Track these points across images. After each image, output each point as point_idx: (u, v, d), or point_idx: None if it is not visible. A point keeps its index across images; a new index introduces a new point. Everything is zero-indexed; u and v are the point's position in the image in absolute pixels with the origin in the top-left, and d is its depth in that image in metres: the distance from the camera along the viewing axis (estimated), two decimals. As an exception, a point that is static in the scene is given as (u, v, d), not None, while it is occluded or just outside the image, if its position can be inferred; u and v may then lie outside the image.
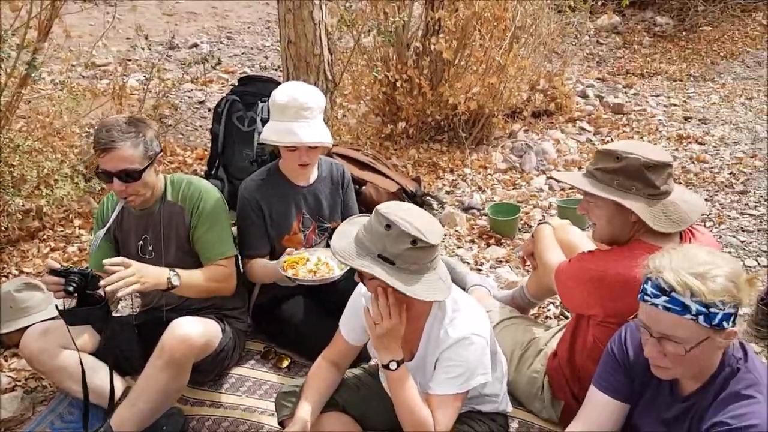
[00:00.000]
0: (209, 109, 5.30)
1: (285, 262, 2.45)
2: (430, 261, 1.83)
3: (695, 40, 7.91)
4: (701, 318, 1.46)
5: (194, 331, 2.23)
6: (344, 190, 2.78)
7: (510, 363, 2.36)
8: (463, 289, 2.78)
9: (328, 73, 4.08)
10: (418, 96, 4.47)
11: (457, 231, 3.74)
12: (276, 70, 6.51)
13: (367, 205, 3.02)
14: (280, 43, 4.16)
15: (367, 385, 2.18)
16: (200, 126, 5.20)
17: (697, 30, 8.07)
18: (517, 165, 4.60)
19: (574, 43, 7.35)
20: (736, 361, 1.56)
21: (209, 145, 3.81)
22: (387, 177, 3.54)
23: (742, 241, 3.61)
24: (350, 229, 1.92)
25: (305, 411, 1.98)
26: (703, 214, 3.90)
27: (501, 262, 3.45)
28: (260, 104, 3.32)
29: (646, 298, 1.52)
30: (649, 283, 1.51)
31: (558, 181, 4.33)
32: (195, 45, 7.15)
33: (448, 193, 4.23)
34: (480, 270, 3.36)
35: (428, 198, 3.86)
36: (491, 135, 4.86)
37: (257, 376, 2.56)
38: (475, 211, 3.98)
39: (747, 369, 1.55)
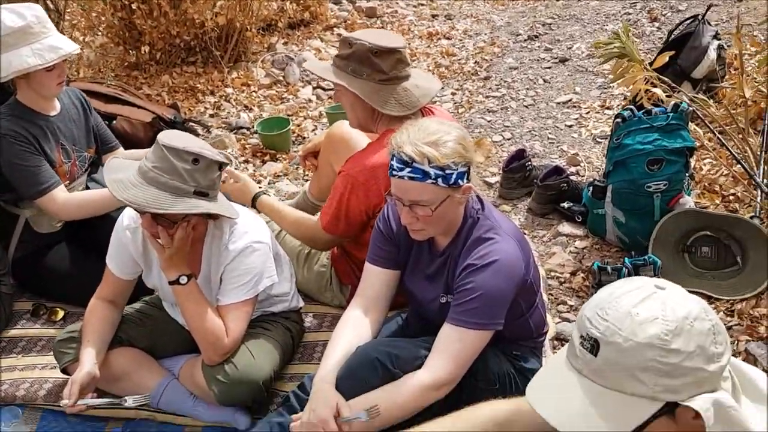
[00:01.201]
0: None
1: None
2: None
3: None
4: (440, 180, 1.62)
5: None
6: (91, 112, 2.64)
7: (297, 264, 2.43)
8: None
9: (50, 3, 3.66)
10: (159, 17, 4.17)
11: (229, 153, 3.68)
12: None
13: (122, 141, 2.84)
14: (-15, -23, 3.63)
15: (151, 317, 2.14)
16: None
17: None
18: (281, 78, 4.58)
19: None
20: (476, 212, 1.77)
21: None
22: (139, 107, 3.34)
23: (489, 121, 4.01)
24: (122, 177, 1.80)
25: (90, 353, 1.90)
26: (456, 102, 4.26)
27: (279, 176, 3.49)
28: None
29: (394, 172, 1.65)
30: (394, 158, 1.65)
31: (324, 89, 4.42)
32: None
33: (212, 116, 4.09)
34: (259, 187, 3.37)
35: (191, 124, 3.72)
36: (248, 51, 4.73)
37: (31, 335, 2.39)
38: (244, 130, 3.92)
39: (485, 216, 1.76)
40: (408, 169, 1.62)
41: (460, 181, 1.65)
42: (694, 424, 0.97)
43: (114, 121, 3.19)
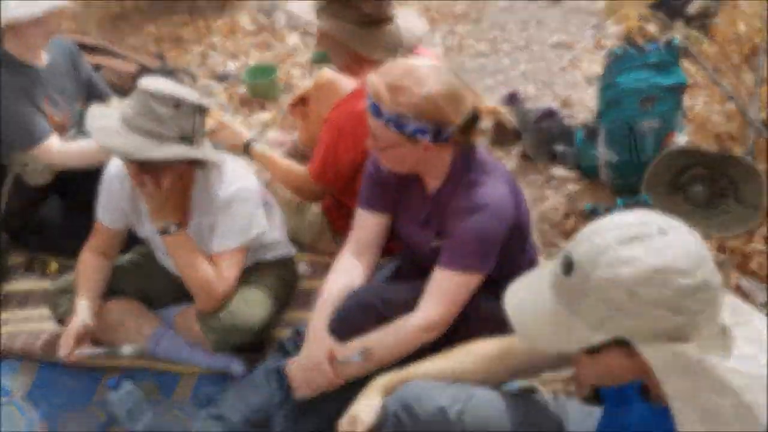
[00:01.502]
0: None
1: None
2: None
3: None
4: (391, 124, 1.59)
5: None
6: (81, 64, 2.60)
7: (290, 213, 2.42)
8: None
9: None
10: (141, -36, 4.09)
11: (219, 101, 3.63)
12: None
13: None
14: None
15: (144, 267, 2.14)
16: None
17: None
18: (267, 25, 4.48)
19: None
20: (465, 157, 1.73)
21: None
22: (124, 58, 3.29)
23: (481, 64, 3.94)
24: (105, 124, 1.77)
25: (83, 304, 1.92)
26: (447, 47, 4.17)
27: (268, 126, 3.44)
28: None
29: (367, 99, 1.64)
30: None
31: (312, 35, 4.32)
32: None
33: (199, 65, 4.01)
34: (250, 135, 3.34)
35: (178, 74, 3.66)
36: (233, -3, 4.65)
37: (26, 288, 2.41)
38: (231, 79, 3.86)
39: (475, 160, 1.73)
40: (369, 101, 1.61)
41: (418, 135, 1.60)
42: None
43: (100, 72, 3.14)
